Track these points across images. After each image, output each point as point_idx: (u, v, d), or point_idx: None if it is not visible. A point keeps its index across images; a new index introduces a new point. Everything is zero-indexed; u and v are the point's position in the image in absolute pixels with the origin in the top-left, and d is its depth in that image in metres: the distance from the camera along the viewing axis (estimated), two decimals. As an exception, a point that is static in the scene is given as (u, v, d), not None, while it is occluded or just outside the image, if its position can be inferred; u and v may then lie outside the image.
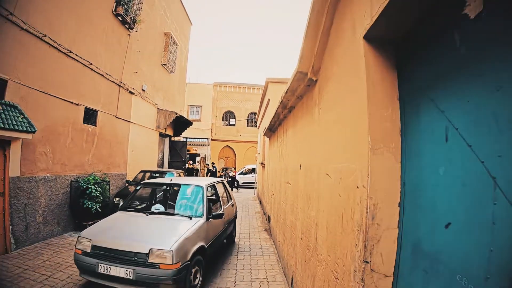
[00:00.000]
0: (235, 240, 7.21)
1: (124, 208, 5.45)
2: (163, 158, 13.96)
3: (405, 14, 1.49)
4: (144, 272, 3.63)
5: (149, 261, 3.66)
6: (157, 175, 9.81)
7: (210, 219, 4.86)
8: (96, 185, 7.22)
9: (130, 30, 9.78)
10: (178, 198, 5.33)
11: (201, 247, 4.36)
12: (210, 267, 5.23)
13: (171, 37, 13.48)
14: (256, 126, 25.14)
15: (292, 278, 4.00)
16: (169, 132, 14.10)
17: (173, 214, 4.87)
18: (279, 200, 6.07)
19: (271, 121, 6.76)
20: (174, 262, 3.66)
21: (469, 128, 1.17)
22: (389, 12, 1.47)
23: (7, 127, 5.20)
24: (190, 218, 4.63)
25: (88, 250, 3.93)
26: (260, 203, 13.04)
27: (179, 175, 10.23)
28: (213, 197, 6.15)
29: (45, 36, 6.24)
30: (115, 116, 9.12)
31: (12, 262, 5.10)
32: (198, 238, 4.36)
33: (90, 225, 7.25)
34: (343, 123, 2.06)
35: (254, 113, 28.78)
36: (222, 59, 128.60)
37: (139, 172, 9.96)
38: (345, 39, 2.02)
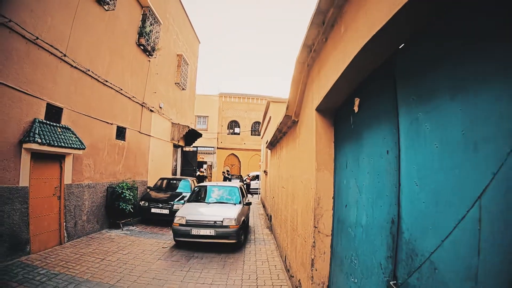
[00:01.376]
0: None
1: (190, 201, 8.60)
2: (176, 167, 15.48)
3: (335, 99, 2.96)
4: (220, 230, 6.83)
5: (223, 224, 6.86)
6: (174, 181, 11.32)
7: (244, 205, 8.16)
8: (128, 190, 8.75)
9: (150, 56, 11.37)
10: (223, 193, 8.80)
11: (243, 219, 7.57)
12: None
13: (183, 58, 15.09)
14: (259, 135, 26.66)
15: (285, 256, 5.47)
16: (181, 143, 15.64)
17: (223, 202, 8.20)
18: (278, 201, 7.57)
19: (271, 139, 8.27)
20: (236, 225, 6.93)
21: (352, 162, 2.64)
22: (326, 99, 2.95)
23: (64, 145, 6.72)
24: (235, 204, 8.04)
25: (184, 222, 7.01)
26: (263, 206, 14.51)
27: (193, 182, 11.72)
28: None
29: (89, 70, 7.81)
30: (139, 131, 10.67)
31: (69, 251, 6.57)
32: (242, 214, 7.57)
33: (123, 223, 8.80)
34: (307, 153, 3.55)
35: (258, 123, 30.30)
36: (226, 66, 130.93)
37: (159, 180, 11.48)
38: (308, 105, 3.52)
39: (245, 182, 21.48)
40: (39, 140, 5.89)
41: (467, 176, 1.23)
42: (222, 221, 6.91)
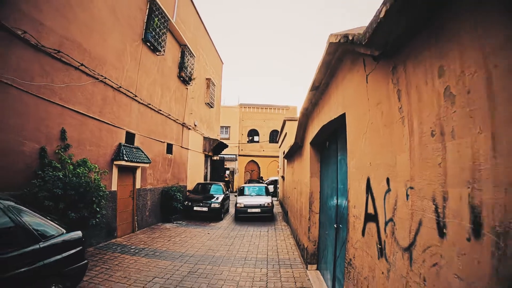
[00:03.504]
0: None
1: (239, 195, 14.66)
2: (207, 173, 18.13)
3: (318, 140, 5.37)
4: (264, 208, 12.65)
5: (264, 205, 12.52)
6: (208, 185, 13.96)
7: (270, 196, 13.48)
8: (179, 193, 11.40)
9: (187, 85, 14.08)
10: (257, 190, 15.04)
11: (272, 202, 13.12)
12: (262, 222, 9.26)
13: (211, 81, 17.79)
14: (277, 143, 29.08)
15: (297, 235, 7.89)
16: (210, 153, 18.29)
17: (259, 195, 14.22)
18: (291, 198, 10.02)
19: (287, 152, 10.74)
20: (270, 205, 12.79)
21: (325, 174, 5.06)
22: (314, 138, 5.38)
23: (138, 161, 9.38)
24: (266, 196, 14.02)
25: (243, 206, 12.53)
26: (280, 205, 17.03)
27: (224, 185, 14.34)
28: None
29: (149, 104, 10.51)
30: (181, 146, 13.36)
31: (141, 236, 9.20)
32: (270, 201, 13.12)
33: (173, 218, 11.41)
34: (306, 166, 6.00)
35: (275, 131, 32.68)
36: (244, 75, 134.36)
37: (196, 184, 14.16)
38: (307, 138, 5.98)
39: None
40: (126, 158, 8.57)
41: (345, 185, 3.64)
42: (263, 204, 12.53)
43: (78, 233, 4.39)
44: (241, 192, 15.27)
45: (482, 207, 1.18)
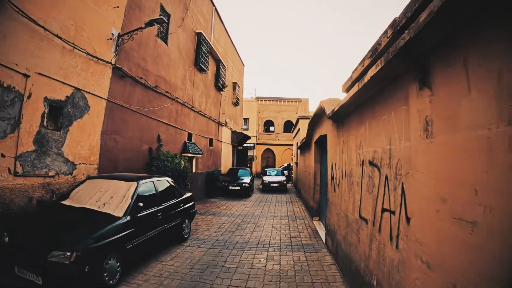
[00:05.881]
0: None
1: (263, 175, 21.31)
2: (234, 161, 22.12)
3: (319, 140, 9.13)
4: (280, 184, 19.49)
5: (281, 182, 19.57)
6: (238, 170, 17.94)
7: (284, 176, 18.67)
8: (220, 175, 15.41)
9: (221, 92, 17.86)
10: (276, 172, 21.99)
11: (285, 180, 19.75)
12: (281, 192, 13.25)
13: (236, 84, 21.51)
14: (290, 133, 32.77)
15: (306, 202, 11.82)
16: (236, 144, 22.21)
17: (278, 175, 21.08)
18: (303, 178, 13.91)
19: (300, 145, 14.53)
20: (284, 182, 19.78)
21: (322, 161, 8.87)
22: (317, 139, 9.14)
23: (196, 153, 13.30)
24: (282, 176, 20.62)
25: (267, 182, 19.16)
26: (294, 186, 21.15)
27: (250, 170, 18.29)
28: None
29: (200, 111, 14.37)
30: (217, 140, 17.29)
31: (199, 206, 13.22)
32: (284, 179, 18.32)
33: (215, 195, 15.46)
34: (312, 156, 9.83)
35: (289, 121, 36.32)
36: (260, 69, 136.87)
37: (229, 169, 18.24)
38: (314, 138, 9.79)
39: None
40: (190, 151, 12.52)
41: (326, 167, 7.43)
42: (280, 181, 18.86)
43: (191, 194, 8.33)
44: (264, 173, 22.25)
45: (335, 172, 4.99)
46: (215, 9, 17.06)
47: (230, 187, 16.11)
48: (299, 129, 18.66)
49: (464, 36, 1.84)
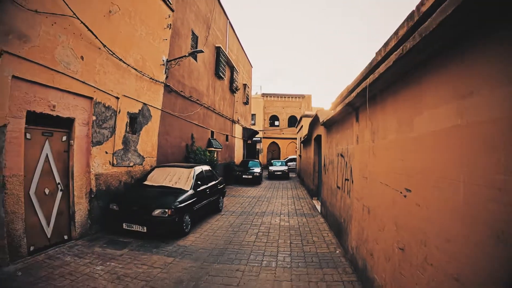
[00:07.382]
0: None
1: (269, 165, 24.31)
2: (244, 153, 25.06)
3: (317, 137, 11.99)
4: (283, 172, 23.52)
5: (284, 171, 23.59)
6: (250, 161, 20.89)
7: (287, 167, 20.80)
8: (235, 166, 18.36)
9: (234, 94, 20.68)
10: (280, 163, 25.45)
11: (288, 169, 23.37)
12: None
13: (246, 85, 24.30)
14: (294, 127, 35.59)
15: (308, 186, 14.77)
16: (246, 138, 25.11)
17: (282, 165, 24.87)
18: (305, 168, 16.84)
19: (303, 140, 17.43)
20: (287, 171, 23.84)
21: (319, 153, 11.78)
22: (316, 136, 12.01)
23: (217, 147, 16.20)
24: (285, 166, 24.45)
25: (273, 171, 23.56)
26: (298, 176, 24.07)
27: (260, 161, 21.24)
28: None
29: (220, 112, 17.23)
30: (232, 135, 20.21)
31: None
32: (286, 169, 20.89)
33: (231, 183, 18.45)
34: (312, 150, 12.74)
35: (293, 116, 39.10)
36: (265, 65, 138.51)
37: (242, 160, 21.19)
38: (314, 134, 12.69)
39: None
40: (214, 146, 15.43)
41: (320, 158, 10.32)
42: (283, 170, 22.96)
43: (221, 178, 11.26)
44: (270, 164, 26.52)
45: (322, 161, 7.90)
46: (229, 22, 19.78)
47: (243, 176, 19.04)
48: (302, 126, 21.58)
49: (365, 105, 4.71)
